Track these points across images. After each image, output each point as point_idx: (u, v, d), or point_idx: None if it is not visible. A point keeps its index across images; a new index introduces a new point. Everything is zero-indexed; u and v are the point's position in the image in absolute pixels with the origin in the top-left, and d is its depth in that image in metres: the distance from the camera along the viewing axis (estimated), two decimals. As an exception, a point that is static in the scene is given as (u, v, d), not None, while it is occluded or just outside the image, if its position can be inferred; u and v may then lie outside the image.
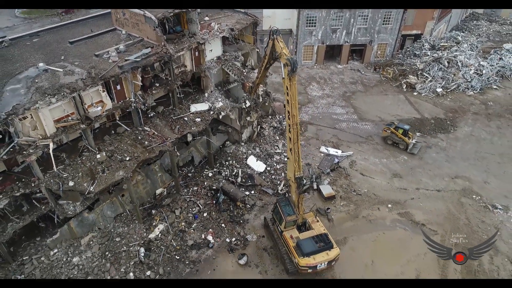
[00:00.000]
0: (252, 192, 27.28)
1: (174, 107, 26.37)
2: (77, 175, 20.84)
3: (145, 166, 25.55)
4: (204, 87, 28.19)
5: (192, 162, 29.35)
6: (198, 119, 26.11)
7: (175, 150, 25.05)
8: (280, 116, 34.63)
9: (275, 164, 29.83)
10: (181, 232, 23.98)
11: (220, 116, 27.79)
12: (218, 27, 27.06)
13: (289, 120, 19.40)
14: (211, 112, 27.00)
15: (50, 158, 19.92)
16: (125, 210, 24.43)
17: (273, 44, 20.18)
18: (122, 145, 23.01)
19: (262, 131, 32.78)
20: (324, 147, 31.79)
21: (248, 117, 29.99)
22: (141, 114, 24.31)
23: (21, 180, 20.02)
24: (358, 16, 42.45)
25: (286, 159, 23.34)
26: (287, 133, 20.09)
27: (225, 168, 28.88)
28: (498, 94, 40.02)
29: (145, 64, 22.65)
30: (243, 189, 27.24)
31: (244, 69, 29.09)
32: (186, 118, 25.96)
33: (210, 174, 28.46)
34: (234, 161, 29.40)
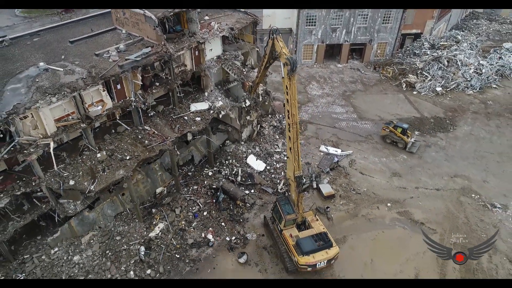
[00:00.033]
0: (252, 191, 27.36)
1: (174, 106, 26.43)
2: (78, 174, 20.91)
3: (145, 165, 25.63)
4: (204, 86, 28.23)
5: (192, 161, 29.43)
6: (198, 118, 26.18)
7: (175, 149, 25.12)
8: (280, 115, 34.69)
9: (275, 163, 29.91)
10: (181, 231, 24.07)
11: (220, 115, 27.85)
12: (218, 27, 27.09)
13: (289, 119, 19.44)
14: (211, 111, 27.07)
15: (51, 157, 20.00)
16: (126, 209, 24.53)
17: (273, 44, 20.21)
18: (123, 144, 23.07)
19: (262, 130, 32.84)
20: (324, 146, 31.85)
21: (248, 116, 30.06)
22: (141, 113, 24.38)
23: (22, 179, 20.10)
24: (358, 15, 42.45)
25: (286, 158, 23.44)
26: (287, 132, 20.14)
27: (225, 167, 28.97)
28: (498, 93, 40.06)
29: (145, 64, 22.69)
30: (243, 188, 27.33)
31: (244, 68, 29.14)
32: (186, 117, 26.01)
33: (210, 173, 28.55)
34: (234, 160, 29.49)
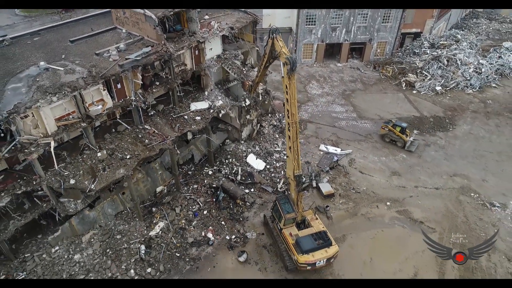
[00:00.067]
0: (252, 190, 27.44)
1: (174, 106, 26.48)
2: (78, 173, 20.98)
3: (146, 164, 25.71)
4: (204, 86, 28.28)
5: (192, 160, 29.49)
6: (198, 118, 26.23)
7: (175, 148, 25.18)
8: (280, 115, 34.73)
9: (275, 162, 29.98)
10: (181, 230, 24.16)
11: (220, 115, 27.90)
12: (218, 26, 27.13)
13: (289, 119, 19.50)
14: (211, 111, 27.13)
15: (51, 156, 20.07)
16: (126, 208, 24.61)
17: (273, 43, 20.22)
18: (123, 143, 23.13)
19: (262, 129, 32.90)
20: (324, 145, 31.91)
21: (248, 116, 30.11)
22: (142, 113, 24.44)
23: (23, 178, 20.17)
24: (358, 15, 42.45)
25: (286, 157, 23.49)
26: (287, 131, 20.20)
27: (225, 166, 29.03)
28: (497, 93, 40.10)
29: (146, 63, 22.74)
30: (243, 187, 27.40)
31: (244, 68, 29.18)
32: (186, 117, 26.06)
33: (210, 172, 28.61)
34: (234, 159, 29.55)
